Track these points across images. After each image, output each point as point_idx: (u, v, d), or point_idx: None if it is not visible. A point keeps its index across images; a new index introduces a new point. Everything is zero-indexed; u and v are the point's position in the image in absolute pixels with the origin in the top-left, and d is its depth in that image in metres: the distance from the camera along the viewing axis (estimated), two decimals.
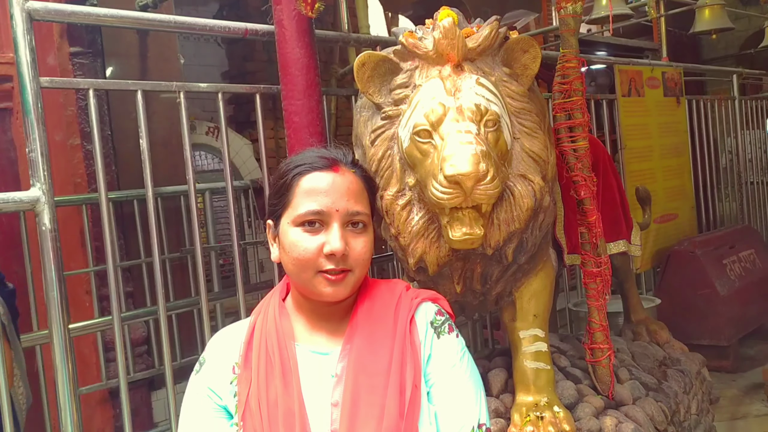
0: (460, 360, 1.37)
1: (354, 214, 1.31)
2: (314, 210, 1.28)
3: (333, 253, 1.26)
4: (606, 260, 2.22)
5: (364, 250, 1.31)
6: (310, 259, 1.27)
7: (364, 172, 1.41)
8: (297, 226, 1.30)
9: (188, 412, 1.34)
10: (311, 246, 1.27)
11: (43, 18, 1.90)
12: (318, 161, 1.34)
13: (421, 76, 1.76)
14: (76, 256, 3.71)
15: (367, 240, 1.33)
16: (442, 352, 1.36)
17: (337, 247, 1.26)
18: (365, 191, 1.37)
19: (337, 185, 1.31)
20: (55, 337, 1.87)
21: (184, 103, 2.25)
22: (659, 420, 2.18)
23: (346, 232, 1.30)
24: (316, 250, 1.27)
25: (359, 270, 1.31)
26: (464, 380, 1.36)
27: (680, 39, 7.55)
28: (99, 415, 3.79)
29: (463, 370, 1.37)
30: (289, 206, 1.32)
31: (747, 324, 4.60)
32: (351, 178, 1.34)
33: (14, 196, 1.83)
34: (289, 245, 1.30)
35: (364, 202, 1.35)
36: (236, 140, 6.15)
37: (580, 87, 2.15)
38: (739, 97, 5.67)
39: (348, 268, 1.29)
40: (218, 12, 6.96)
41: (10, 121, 3.69)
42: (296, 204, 1.31)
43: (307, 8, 2.05)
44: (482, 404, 1.36)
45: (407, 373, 1.29)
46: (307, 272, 1.29)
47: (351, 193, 1.32)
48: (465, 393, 1.35)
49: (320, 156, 1.36)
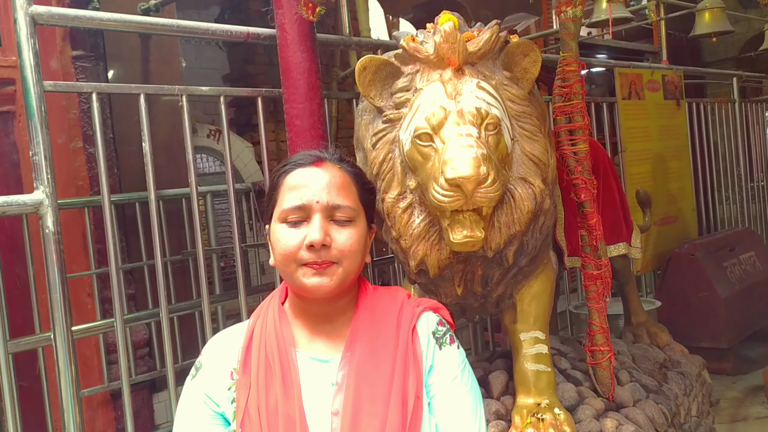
0: (461, 372, 1.37)
1: (336, 207, 1.30)
2: (296, 205, 1.29)
3: (312, 243, 1.25)
4: (606, 263, 2.22)
5: (350, 242, 1.29)
6: (292, 253, 1.27)
7: (352, 167, 1.40)
8: (282, 223, 1.30)
9: (183, 418, 1.33)
10: (293, 240, 1.27)
11: (47, 22, 1.92)
12: (302, 158, 1.35)
13: (422, 79, 1.77)
14: (78, 258, 3.72)
15: (353, 232, 1.31)
16: (443, 363, 1.36)
17: (316, 237, 1.25)
18: (353, 185, 1.36)
19: (318, 179, 1.31)
20: (58, 339, 1.87)
21: (186, 106, 2.27)
22: (660, 422, 2.18)
23: (328, 225, 1.29)
24: (297, 244, 1.27)
25: (347, 262, 1.29)
26: (465, 393, 1.36)
27: (680, 42, 7.56)
28: (101, 417, 3.80)
29: (464, 382, 1.37)
30: (276, 204, 1.33)
31: (747, 326, 4.60)
32: (335, 172, 1.34)
33: (18, 199, 1.84)
34: (275, 242, 1.31)
35: (350, 195, 1.34)
36: (238, 143, 6.16)
37: (580, 90, 2.16)
38: (739, 100, 5.68)
39: (332, 260, 1.27)
40: (220, 16, 6.98)
41: (13, 125, 3.70)
42: (281, 201, 1.32)
43: (309, 12, 2.06)
44: (481, 417, 1.37)
45: (410, 384, 1.28)
46: (291, 266, 1.28)
47: (333, 186, 1.31)
48: (465, 406, 1.35)
49: (306, 154, 1.37)
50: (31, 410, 3.23)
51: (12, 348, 2.48)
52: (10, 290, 3.05)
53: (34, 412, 3.28)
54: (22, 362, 3.07)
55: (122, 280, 3.49)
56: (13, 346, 2.52)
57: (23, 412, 2.46)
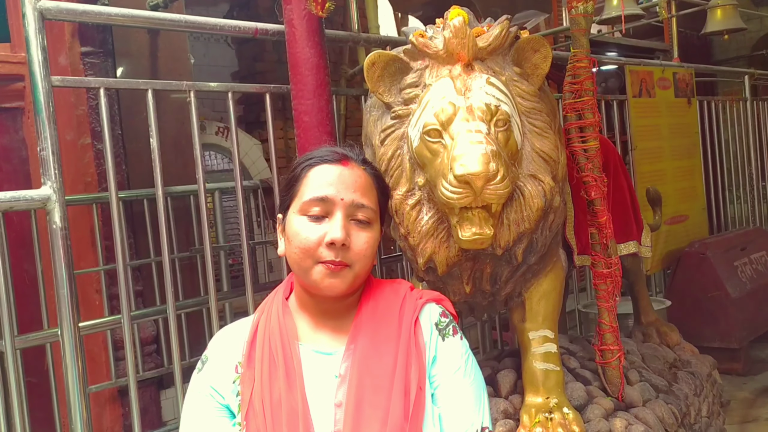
0: (465, 363, 1.37)
1: (359, 206, 1.31)
2: (319, 197, 1.29)
3: (333, 241, 1.26)
4: (616, 261, 2.20)
5: (366, 246, 1.31)
6: (310, 248, 1.27)
7: (374, 171, 1.42)
8: (302, 215, 1.30)
9: (190, 411, 1.35)
10: (313, 235, 1.28)
11: (55, 17, 1.91)
12: (328, 155, 1.36)
13: (431, 75, 1.76)
14: (86, 255, 3.73)
15: (370, 236, 1.32)
16: (446, 354, 1.36)
17: (338, 235, 1.26)
18: (374, 188, 1.37)
19: (344, 177, 1.32)
20: (66, 335, 1.88)
21: (194, 103, 2.26)
22: (669, 422, 2.16)
23: (349, 224, 1.30)
24: (317, 240, 1.27)
25: (359, 266, 1.30)
26: (468, 384, 1.36)
27: (691, 40, 7.51)
28: (108, 414, 3.81)
29: (468, 373, 1.37)
30: (296, 196, 1.33)
31: (758, 326, 4.56)
32: (359, 173, 1.35)
33: (26, 194, 1.85)
34: (292, 234, 1.30)
35: (372, 198, 1.35)
36: (246, 140, 6.17)
37: (590, 87, 2.14)
38: (750, 98, 5.64)
39: (347, 262, 1.28)
40: (228, 12, 6.98)
41: (21, 121, 3.71)
42: (303, 193, 1.32)
43: (318, 8, 2.05)
44: (485, 408, 1.37)
45: (412, 375, 1.29)
46: (307, 261, 1.28)
47: (357, 186, 1.32)
48: (469, 397, 1.35)
49: (331, 150, 1.38)
50: (39, 406, 3.25)
51: (20, 344, 2.48)
52: (18, 286, 3.05)
53: (41, 407, 3.29)
54: (30, 358, 3.08)
55: (130, 277, 3.48)
56: (20, 342, 2.53)
57: (31, 407, 2.47)
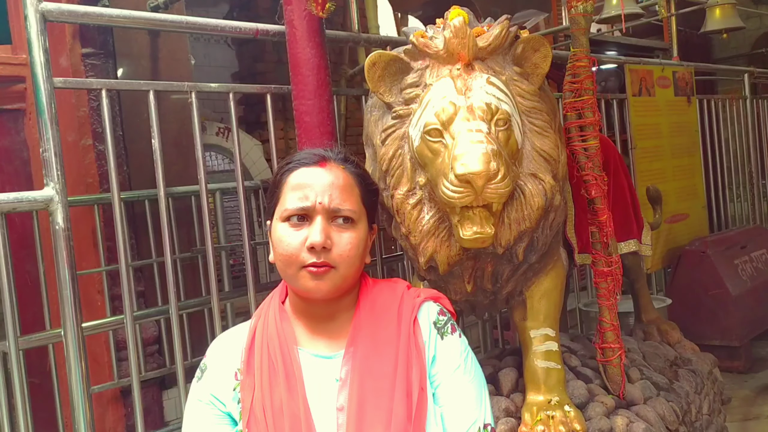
0: (464, 361, 1.37)
1: (338, 207, 1.30)
2: (298, 207, 1.29)
3: (312, 245, 1.25)
4: (617, 259, 2.21)
5: (350, 247, 1.29)
6: (293, 254, 1.27)
7: (357, 168, 1.39)
8: (284, 222, 1.30)
9: (191, 419, 1.34)
10: (295, 241, 1.27)
11: (57, 19, 1.92)
12: (306, 157, 1.35)
13: (431, 75, 1.76)
14: (88, 255, 3.73)
15: (354, 236, 1.31)
16: (446, 353, 1.36)
17: (316, 240, 1.25)
18: (356, 187, 1.36)
19: (322, 180, 1.31)
20: (68, 335, 1.88)
21: (195, 104, 2.26)
22: (670, 420, 2.17)
23: (330, 227, 1.29)
24: (299, 245, 1.27)
25: (344, 267, 1.29)
26: (469, 381, 1.36)
27: (691, 38, 7.51)
28: (111, 414, 3.81)
29: (468, 370, 1.37)
30: (278, 203, 1.33)
31: (759, 324, 4.57)
32: (338, 173, 1.33)
33: (28, 195, 1.85)
34: (276, 241, 1.30)
35: (353, 197, 1.34)
36: (246, 141, 6.17)
37: (590, 86, 2.14)
38: (750, 97, 5.64)
39: (331, 263, 1.27)
40: (228, 13, 6.98)
41: (23, 122, 3.72)
42: (283, 200, 1.31)
43: (318, 8, 2.06)
44: (486, 404, 1.37)
45: (413, 376, 1.28)
46: (292, 268, 1.28)
47: (336, 188, 1.31)
48: (470, 394, 1.35)
49: (310, 153, 1.37)
50: (42, 406, 3.25)
51: (23, 344, 2.48)
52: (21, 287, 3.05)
53: (44, 408, 3.30)
54: (33, 358, 3.09)
55: (132, 277, 3.49)
56: (23, 343, 2.53)
57: (34, 408, 2.47)
